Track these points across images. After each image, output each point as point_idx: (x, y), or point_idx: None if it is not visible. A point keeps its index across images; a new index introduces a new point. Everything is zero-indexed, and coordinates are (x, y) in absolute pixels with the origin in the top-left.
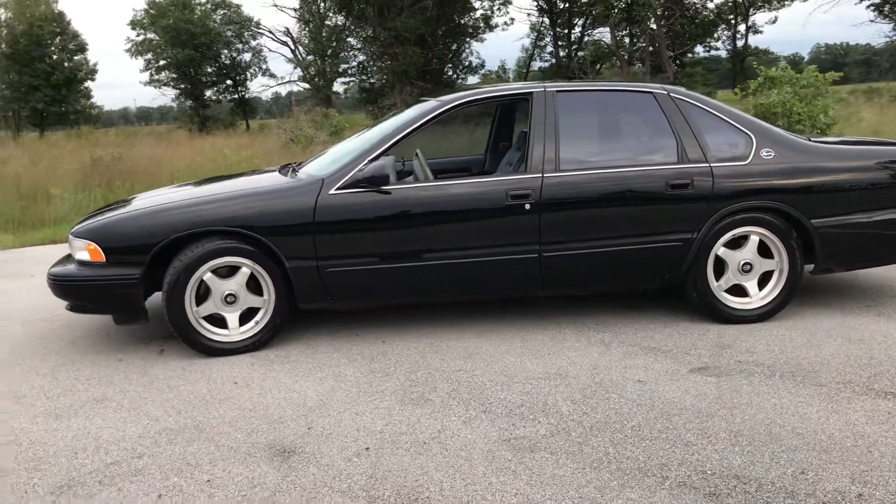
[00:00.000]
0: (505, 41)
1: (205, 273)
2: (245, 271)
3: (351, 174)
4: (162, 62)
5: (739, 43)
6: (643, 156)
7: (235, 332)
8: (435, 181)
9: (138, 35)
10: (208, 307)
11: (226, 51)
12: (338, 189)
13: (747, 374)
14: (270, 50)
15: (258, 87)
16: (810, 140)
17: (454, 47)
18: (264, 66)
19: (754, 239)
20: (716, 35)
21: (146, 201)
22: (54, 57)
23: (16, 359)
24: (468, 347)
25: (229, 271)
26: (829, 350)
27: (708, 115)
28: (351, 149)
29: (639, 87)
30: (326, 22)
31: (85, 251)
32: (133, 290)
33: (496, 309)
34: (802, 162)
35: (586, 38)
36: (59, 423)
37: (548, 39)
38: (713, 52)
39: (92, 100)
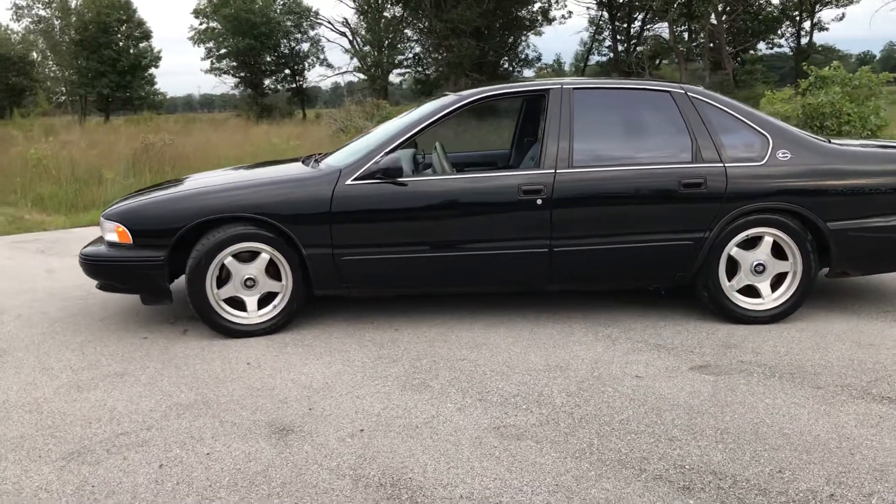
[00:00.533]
0: (562, 34)
1: (226, 257)
2: (264, 257)
3: (367, 166)
4: (223, 51)
5: (804, 40)
6: (657, 154)
7: (254, 314)
8: (450, 175)
9: (201, 23)
10: (228, 290)
11: (285, 40)
12: (354, 180)
13: (747, 373)
14: (329, 40)
15: (316, 77)
16: (829, 142)
17: (511, 40)
18: (322, 57)
19: (768, 240)
20: (780, 32)
21: (176, 187)
22: (120, 44)
23: (50, 333)
24: (476, 338)
25: (250, 256)
26: (836, 353)
27: (725, 115)
28: (371, 141)
29: (656, 86)
30: (384, 13)
31: (114, 233)
32: (157, 271)
33: (509, 301)
34: (819, 164)
35: (646, 33)
36: (80, 394)
37: (606, 33)
38: (777, 50)
39: (156, 86)
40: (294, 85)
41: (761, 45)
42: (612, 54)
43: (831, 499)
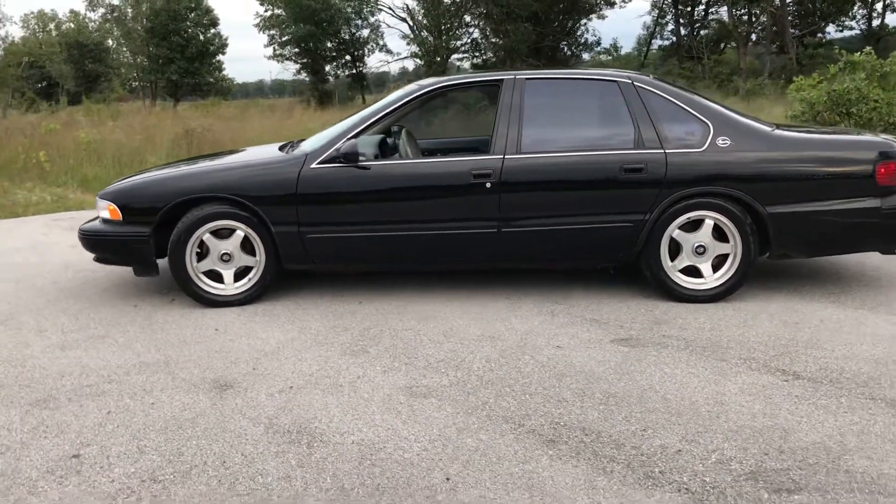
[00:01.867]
0: (625, 17)
1: (204, 234)
2: (239, 234)
3: (329, 151)
4: (285, 37)
5: (876, 22)
6: (602, 141)
7: (230, 286)
8: (411, 159)
9: (266, 10)
10: (207, 264)
11: (345, 27)
12: (319, 164)
13: (662, 346)
14: (389, 26)
15: (376, 63)
16: (775, 130)
17: (570, 24)
18: (381, 43)
19: (709, 223)
20: (850, 13)
21: (164, 169)
22: (189, 31)
23: (55, 301)
24: (428, 311)
25: (227, 233)
26: (758, 330)
27: (669, 103)
28: (337, 128)
29: (604, 76)
30: None
31: (106, 210)
32: (144, 245)
33: (469, 279)
34: (758, 150)
35: (710, 17)
36: (62, 352)
37: (670, 17)
38: (847, 33)
39: (224, 72)
40: (354, 71)
41: (830, 28)
42: (674, 38)
43: (678, 454)
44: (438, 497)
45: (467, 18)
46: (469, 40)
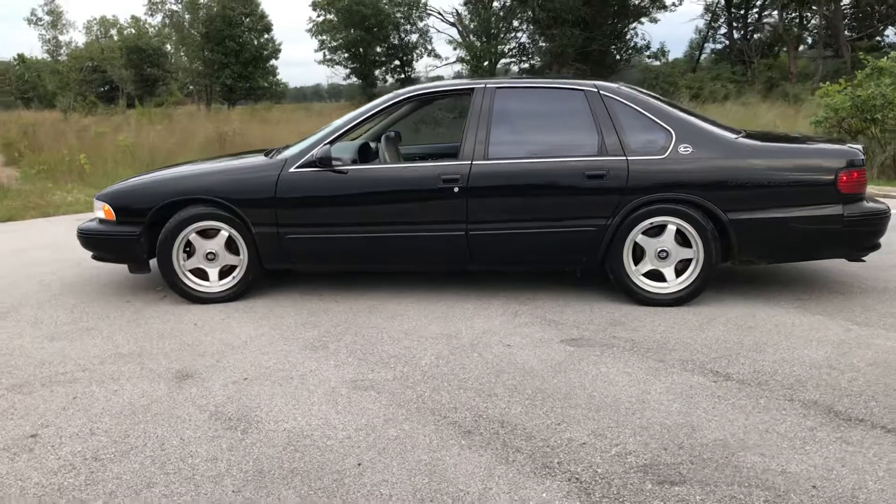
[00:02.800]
0: (676, 21)
1: (190, 234)
2: (224, 234)
3: (306, 157)
4: (334, 42)
5: None
6: (567, 148)
7: (215, 284)
8: (386, 164)
9: (318, 16)
10: (193, 262)
11: (395, 32)
12: (296, 168)
13: (608, 346)
14: (438, 31)
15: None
16: (739, 138)
17: (619, 28)
18: (430, 47)
19: (671, 228)
20: None
21: (157, 172)
22: (243, 36)
23: (58, 295)
24: (399, 310)
25: (213, 233)
26: (710, 334)
27: (633, 112)
28: (317, 135)
29: (571, 85)
30: (494, 3)
31: (101, 211)
32: (135, 244)
33: (447, 281)
34: (719, 158)
35: (764, 21)
36: (49, 343)
37: (722, 20)
38: None
39: (278, 76)
40: (402, 75)
41: (889, 32)
42: (727, 42)
43: (581, 446)
44: (345, 480)
45: (515, 23)
46: (517, 45)
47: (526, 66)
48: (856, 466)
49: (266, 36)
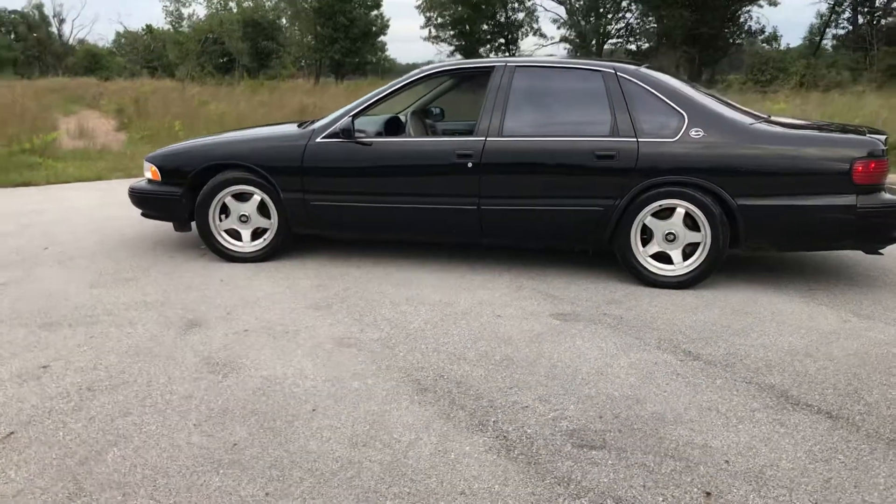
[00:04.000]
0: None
1: (226, 196)
2: (256, 198)
3: (332, 128)
4: (440, 20)
5: None
6: (580, 128)
7: (247, 244)
8: (406, 138)
9: None
10: (228, 223)
11: (502, 9)
12: (322, 139)
13: (594, 322)
14: (545, 9)
15: (531, 46)
16: (755, 124)
17: (733, 11)
18: (536, 26)
19: (680, 211)
20: None
21: (202, 139)
22: (353, 12)
23: (113, 249)
24: (410, 278)
25: (247, 197)
26: (701, 316)
27: (648, 94)
28: (346, 107)
29: (589, 66)
30: None
31: (149, 171)
32: (177, 204)
33: (475, 255)
34: (730, 143)
35: (894, 4)
36: (90, 290)
37: (846, 4)
38: None
39: (386, 52)
40: (507, 53)
41: None
42: (850, 27)
43: (523, 409)
44: (295, 423)
45: (624, 3)
46: (624, 25)
47: (633, 47)
48: (777, 446)
49: (375, 12)
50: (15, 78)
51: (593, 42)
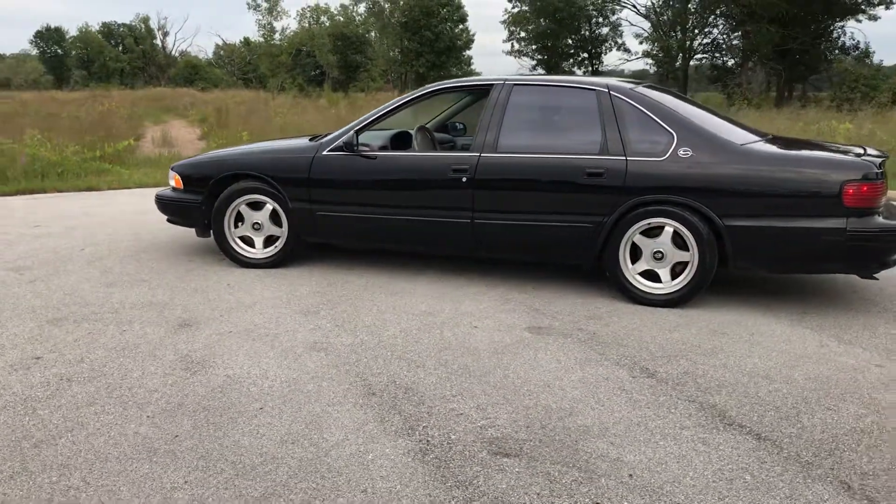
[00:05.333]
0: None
1: (240, 205)
2: (269, 207)
3: (337, 141)
4: (522, 34)
5: None
6: (572, 145)
7: (259, 251)
8: (407, 152)
9: (514, 7)
10: (242, 230)
11: (586, 24)
12: (328, 152)
13: (565, 336)
14: (631, 23)
15: (615, 61)
16: (746, 144)
17: (824, 27)
18: (620, 41)
19: (668, 230)
20: None
21: (224, 150)
22: (439, 27)
23: (142, 250)
24: (406, 288)
25: (260, 206)
26: (675, 335)
27: (639, 113)
28: (353, 123)
29: (584, 84)
30: None
31: (173, 180)
32: (198, 210)
33: (473, 267)
34: (718, 163)
35: None
36: (105, 288)
37: None
38: None
39: (472, 66)
40: (590, 68)
41: None
42: None
43: (457, 416)
44: (238, 419)
45: (710, 18)
46: (710, 41)
47: (719, 62)
48: (688, 463)
49: (461, 26)
50: (120, 88)
51: (679, 57)
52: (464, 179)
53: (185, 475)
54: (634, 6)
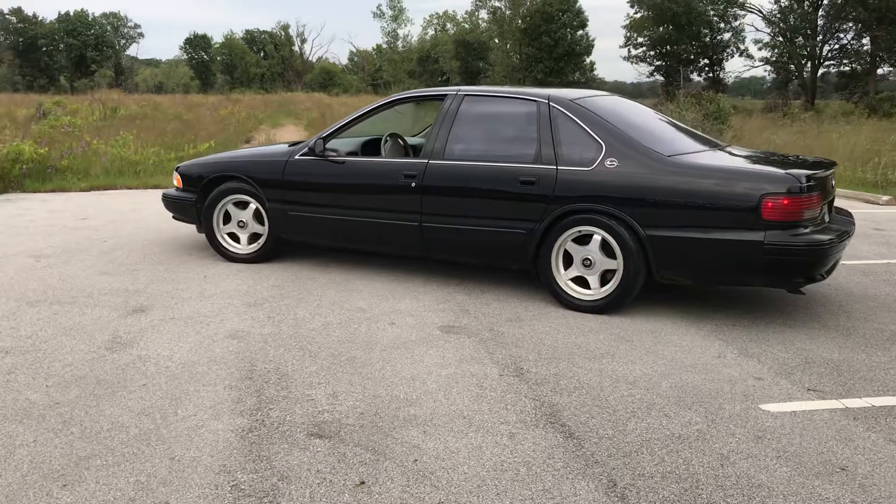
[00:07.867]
0: None
1: (227, 204)
2: (252, 206)
3: (308, 147)
4: (640, 39)
5: None
6: (510, 154)
7: (244, 247)
8: (367, 158)
9: (636, 12)
10: (229, 227)
11: (706, 30)
12: (299, 156)
13: (469, 336)
14: (757, 29)
15: (739, 67)
16: (676, 155)
17: None
18: (742, 47)
19: (596, 238)
20: None
21: (223, 153)
22: (558, 32)
23: (146, 243)
24: (359, 286)
25: (245, 205)
26: (577, 340)
27: (573, 125)
28: (326, 129)
29: (527, 95)
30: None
31: (175, 179)
32: (194, 208)
33: (440, 269)
34: (642, 174)
35: None
36: (97, 276)
37: None
38: None
39: (594, 72)
40: (710, 75)
41: None
42: None
43: (308, 401)
44: (118, 393)
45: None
46: (838, 47)
47: (847, 69)
48: (479, 454)
49: (581, 32)
50: (257, 92)
51: (806, 64)
52: (413, 185)
53: (38, 435)
54: (760, 10)
